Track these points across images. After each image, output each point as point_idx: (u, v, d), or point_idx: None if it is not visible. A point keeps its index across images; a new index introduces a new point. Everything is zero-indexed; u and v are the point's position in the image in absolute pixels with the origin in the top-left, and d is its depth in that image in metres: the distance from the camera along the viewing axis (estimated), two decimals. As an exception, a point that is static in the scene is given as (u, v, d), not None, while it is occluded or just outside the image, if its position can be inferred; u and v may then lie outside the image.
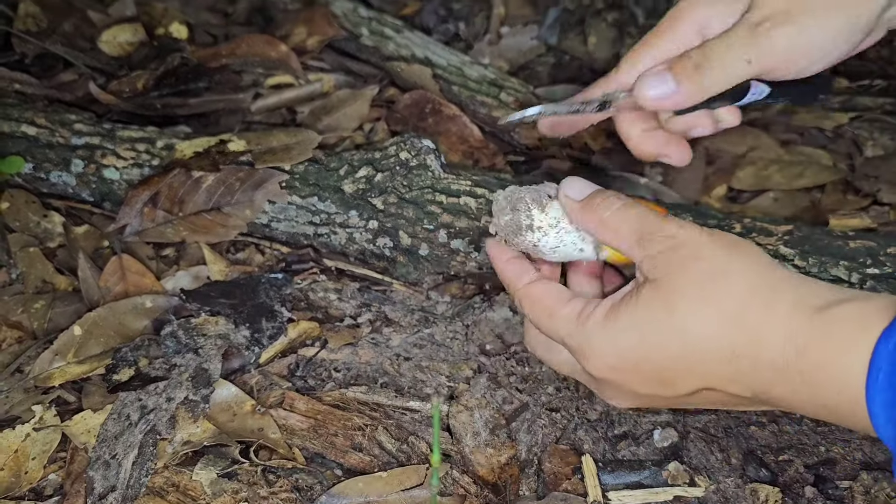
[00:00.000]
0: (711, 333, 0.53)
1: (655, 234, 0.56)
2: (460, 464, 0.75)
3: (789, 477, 0.73)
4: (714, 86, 0.62)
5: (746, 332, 0.52)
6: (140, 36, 1.31)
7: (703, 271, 0.54)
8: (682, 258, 0.54)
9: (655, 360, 0.56)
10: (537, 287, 0.62)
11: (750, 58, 0.61)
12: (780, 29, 0.60)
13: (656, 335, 0.55)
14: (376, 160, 0.92)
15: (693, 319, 0.54)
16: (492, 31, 1.36)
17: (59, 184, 1.01)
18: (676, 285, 0.54)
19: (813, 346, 0.49)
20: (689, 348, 0.54)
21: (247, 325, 0.84)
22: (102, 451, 0.74)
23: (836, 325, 0.49)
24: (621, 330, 0.56)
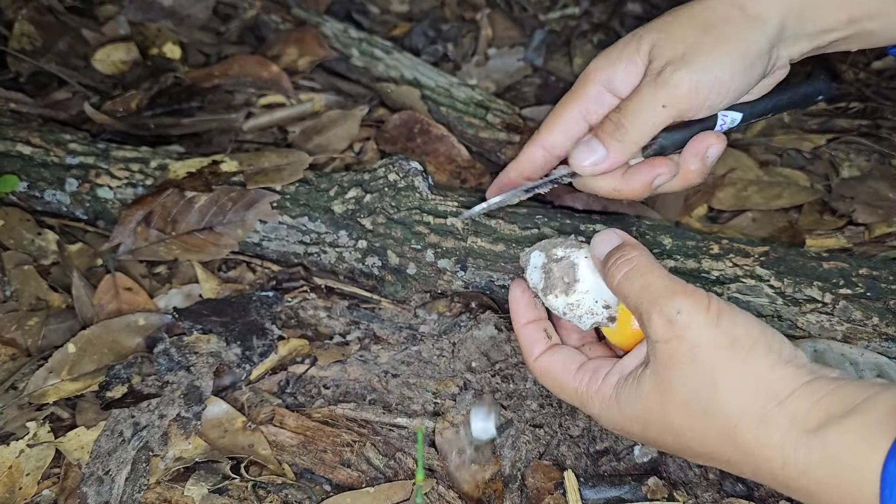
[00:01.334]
0: (707, 443, 0.55)
1: (654, 316, 0.56)
2: (445, 479, 0.77)
3: (765, 491, 0.76)
4: (638, 138, 0.68)
5: (741, 449, 0.53)
6: (133, 55, 1.33)
7: (699, 379, 0.54)
8: (680, 355, 0.55)
9: (660, 445, 0.60)
10: (545, 361, 0.66)
11: (663, 103, 0.66)
12: (681, 72, 0.65)
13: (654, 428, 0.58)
14: (365, 181, 0.94)
15: (687, 429, 0.56)
16: (479, 53, 1.39)
17: (53, 202, 1.03)
18: (673, 388, 0.56)
19: (814, 471, 0.49)
20: (685, 448, 0.58)
21: (238, 343, 0.86)
22: (96, 467, 0.76)
23: (837, 448, 0.48)
24: (626, 417, 0.60)
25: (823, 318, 0.83)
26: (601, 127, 0.69)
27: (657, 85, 0.66)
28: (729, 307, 0.56)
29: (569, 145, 0.73)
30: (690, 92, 0.65)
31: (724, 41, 0.65)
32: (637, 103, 0.67)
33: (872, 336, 0.81)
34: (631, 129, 0.67)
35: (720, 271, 0.85)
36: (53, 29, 1.36)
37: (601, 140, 0.69)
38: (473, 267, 0.90)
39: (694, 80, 0.65)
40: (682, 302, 0.56)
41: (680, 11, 0.68)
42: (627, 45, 0.69)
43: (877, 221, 1.02)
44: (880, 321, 0.81)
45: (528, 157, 0.76)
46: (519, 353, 0.87)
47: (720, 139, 0.71)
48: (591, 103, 0.71)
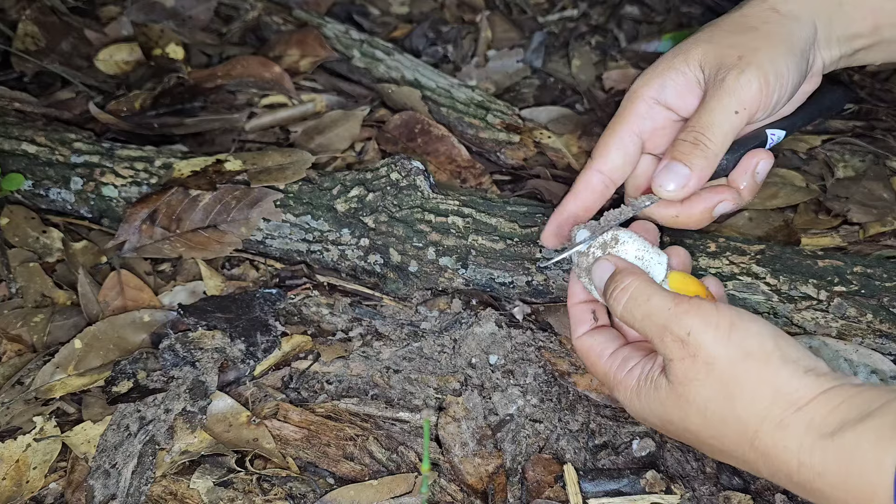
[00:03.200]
0: (725, 446, 0.57)
1: (666, 339, 0.58)
2: (449, 473, 0.78)
3: (761, 485, 0.77)
4: (720, 150, 0.67)
5: (759, 452, 0.54)
6: (136, 55, 1.34)
7: (715, 391, 0.56)
8: (695, 371, 0.56)
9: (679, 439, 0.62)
10: (584, 341, 0.69)
11: (735, 108, 0.65)
12: (746, 74, 0.65)
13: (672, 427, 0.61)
14: (368, 180, 0.96)
15: (706, 430, 0.58)
16: (479, 54, 1.40)
17: (58, 200, 1.04)
18: (690, 398, 0.57)
19: (829, 473, 0.50)
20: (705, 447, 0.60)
21: (242, 339, 0.87)
22: (102, 460, 0.77)
23: (852, 451, 0.49)
24: (646, 412, 0.62)
25: (818, 315, 0.84)
26: (677, 148, 0.67)
27: (725, 92, 0.65)
28: (739, 317, 0.57)
29: (626, 167, 0.71)
30: (761, 90, 0.66)
31: (771, 38, 0.66)
32: (709, 115, 0.66)
33: (867, 333, 0.83)
34: (710, 142, 0.66)
35: (717, 269, 0.87)
36: (57, 29, 1.37)
37: (682, 161, 0.67)
38: (474, 265, 0.91)
39: (761, 77, 0.65)
40: (691, 321, 0.57)
41: (718, 23, 0.69)
42: (674, 58, 0.68)
43: (871, 221, 1.04)
44: (874, 318, 0.83)
45: (586, 186, 0.72)
46: (519, 350, 0.88)
47: (768, 155, 0.72)
48: (643, 119, 0.70)
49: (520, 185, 1.12)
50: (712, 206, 0.70)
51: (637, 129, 0.70)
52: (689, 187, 0.67)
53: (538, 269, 0.90)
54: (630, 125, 0.70)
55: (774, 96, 0.67)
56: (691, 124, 0.67)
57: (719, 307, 0.58)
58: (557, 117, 1.24)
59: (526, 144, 1.16)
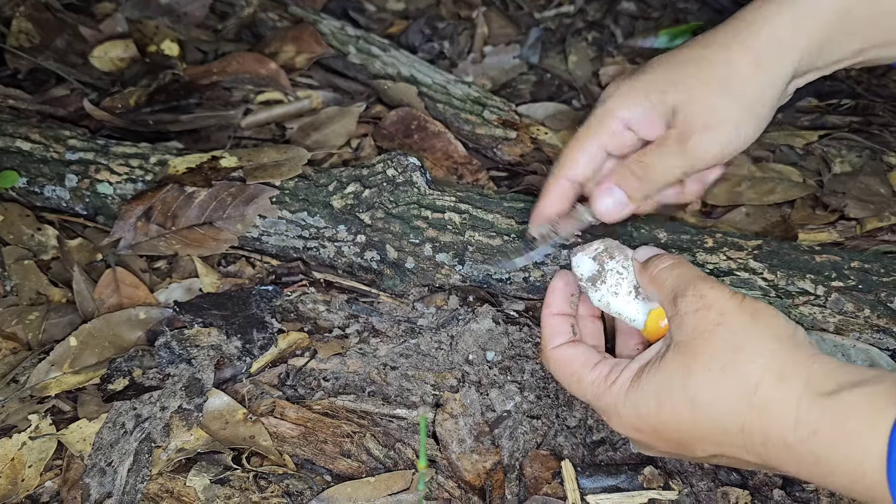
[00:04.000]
0: (722, 407, 0.56)
1: (688, 293, 0.61)
2: (446, 469, 0.78)
3: (759, 480, 0.77)
4: (657, 190, 0.72)
5: (757, 409, 0.55)
6: (131, 52, 1.34)
7: (724, 339, 0.57)
8: (707, 322, 0.58)
9: (671, 428, 0.60)
10: (566, 351, 0.68)
11: (685, 169, 0.70)
12: (708, 143, 0.68)
13: (670, 401, 0.59)
14: (364, 177, 0.95)
15: (705, 391, 0.57)
16: (475, 50, 1.40)
17: (53, 198, 1.03)
18: (696, 351, 0.58)
19: (825, 432, 0.51)
20: (700, 418, 0.58)
21: (238, 336, 0.87)
22: (98, 458, 0.76)
23: (848, 412, 0.50)
24: (642, 396, 0.61)
25: (816, 310, 0.84)
26: (623, 176, 0.72)
27: (683, 152, 0.69)
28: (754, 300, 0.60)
29: (592, 172, 0.75)
30: (714, 158, 0.70)
31: (745, 107, 0.68)
32: (661, 161, 0.70)
33: (864, 328, 0.83)
34: (654, 182, 0.71)
35: (714, 265, 0.87)
36: (51, 26, 1.36)
37: (623, 187, 0.72)
38: (471, 261, 0.91)
39: (718, 148, 0.69)
40: (712, 286, 0.61)
41: (703, 63, 0.70)
42: (650, 93, 0.70)
43: (868, 216, 1.04)
44: (871, 313, 0.82)
45: (557, 191, 0.76)
46: (516, 346, 0.88)
47: (719, 168, 0.74)
48: (612, 136, 0.73)
49: (516, 182, 1.12)
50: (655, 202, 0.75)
51: (604, 143, 0.74)
52: (622, 213, 0.73)
53: (535, 265, 0.90)
54: (598, 139, 0.73)
55: (728, 158, 0.71)
56: (644, 159, 0.71)
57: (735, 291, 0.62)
58: (554, 113, 1.24)
59: (522, 140, 1.16)
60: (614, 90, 0.73)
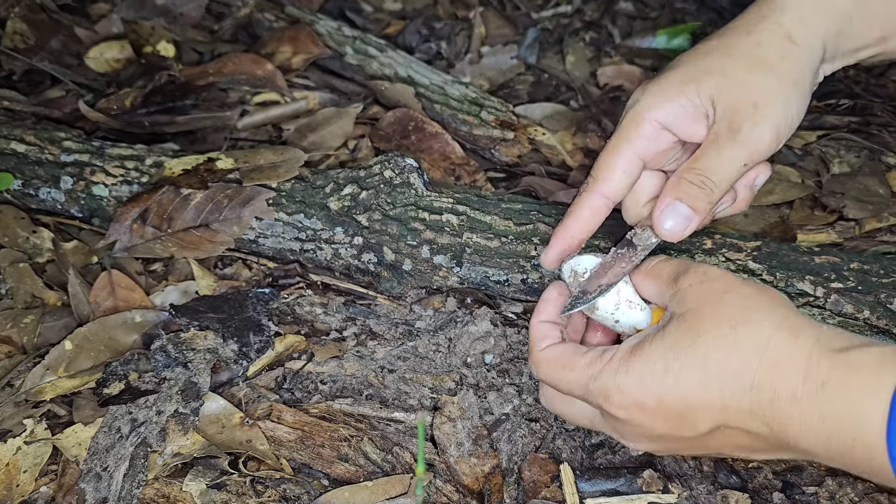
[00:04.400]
0: (733, 363, 0.55)
1: (689, 271, 0.61)
2: (445, 473, 0.77)
3: (758, 483, 0.77)
4: (721, 196, 0.67)
5: (768, 364, 0.54)
6: (127, 53, 1.33)
7: (733, 303, 0.57)
8: (713, 290, 0.59)
9: (676, 395, 0.57)
10: (554, 349, 0.65)
11: (745, 161, 0.65)
12: (760, 127, 0.64)
13: (678, 362, 0.56)
14: (361, 178, 0.95)
15: (716, 349, 0.56)
16: (473, 51, 1.39)
17: (48, 200, 1.03)
18: (704, 314, 0.57)
19: (832, 384, 0.51)
20: (710, 375, 0.56)
21: (235, 339, 0.86)
22: (94, 463, 0.76)
23: (857, 367, 0.51)
24: (647, 363, 0.58)
25: (815, 311, 0.84)
26: (682, 189, 0.66)
27: (739, 143, 0.65)
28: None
29: (628, 188, 0.69)
30: (772, 143, 0.66)
31: (786, 79, 0.66)
32: (718, 162, 0.65)
33: (864, 329, 0.83)
34: (716, 188, 0.66)
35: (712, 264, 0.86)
36: (46, 27, 1.35)
37: (686, 202, 0.66)
38: (469, 263, 0.90)
39: (775, 130, 0.65)
40: (713, 267, 0.62)
41: (732, 48, 0.67)
42: (685, 85, 0.66)
43: (867, 216, 1.04)
44: (871, 314, 0.82)
45: (589, 208, 0.69)
46: (514, 349, 0.87)
47: (767, 167, 0.71)
48: (648, 142, 0.68)
49: (514, 183, 1.11)
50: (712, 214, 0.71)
51: (641, 151, 0.68)
52: (689, 229, 0.67)
53: (533, 267, 0.89)
54: (634, 147, 0.68)
55: (784, 141, 0.68)
56: (698, 166, 0.66)
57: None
58: (552, 114, 1.24)
59: (520, 141, 1.15)
60: (641, 93, 0.69)
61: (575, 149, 1.17)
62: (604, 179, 0.69)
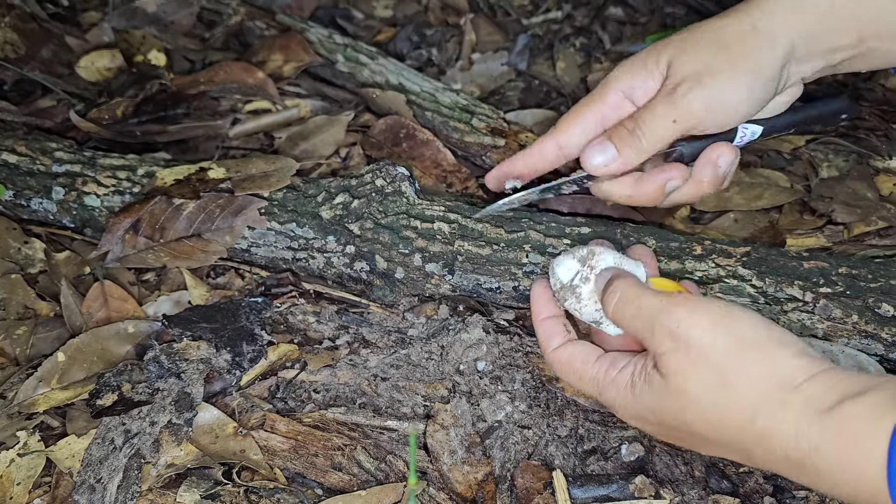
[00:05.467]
0: (723, 436, 0.57)
1: (656, 333, 0.58)
2: (438, 481, 0.77)
3: (749, 488, 0.77)
4: (650, 147, 0.71)
5: (757, 435, 0.54)
6: (118, 62, 1.33)
7: (711, 380, 0.56)
8: (689, 361, 0.57)
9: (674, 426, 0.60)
10: (565, 351, 0.68)
11: (674, 118, 0.69)
12: (694, 91, 0.68)
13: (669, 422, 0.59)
14: (353, 187, 0.95)
15: (703, 424, 0.57)
16: (463, 58, 1.40)
17: (39, 211, 1.03)
18: (685, 390, 0.57)
19: (826, 447, 0.51)
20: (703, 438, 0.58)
21: (228, 349, 0.87)
22: (87, 475, 0.76)
23: (848, 423, 0.50)
24: (639, 404, 0.61)
25: (804, 316, 0.84)
26: (615, 131, 0.71)
27: (671, 101, 0.69)
28: (729, 308, 0.58)
29: (583, 145, 0.74)
30: (701, 111, 0.68)
31: (737, 62, 0.68)
32: (650, 114, 0.70)
33: (852, 334, 0.83)
34: (643, 137, 0.70)
35: (703, 272, 0.87)
36: (37, 36, 1.35)
37: (614, 143, 0.71)
38: (461, 270, 0.91)
39: (706, 99, 0.68)
40: (680, 313, 0.58)
41: (698, 28, 0.71)
42: (647, 58, 0.71)
43: (855, 220, 1.04)
44: (860, 319, 0.83)
45: (540, 150, 0.76)
46: (506, 356, 0.88)
47: (731, 149, 0.73)
48: (610, 109, 0.73)
49: (506, 189, 1.12)
50: (662, 183, 0.73)
51: (602, 114, 0.73)
52: (611, 168, 0.71)
53: (525, 274, 0.90)
54: (596, 109, 0.73)
55: (717, 119, 0.70)
56: (636, 115, 0.71)
57: (708, 299, 0.59)
58: (542, 120, 1.24)
59: (511, 148, 1.16)
60: (616, 67, 0.74)
61: (566, 155, 1.18)
62: (562, 131, 0.75)
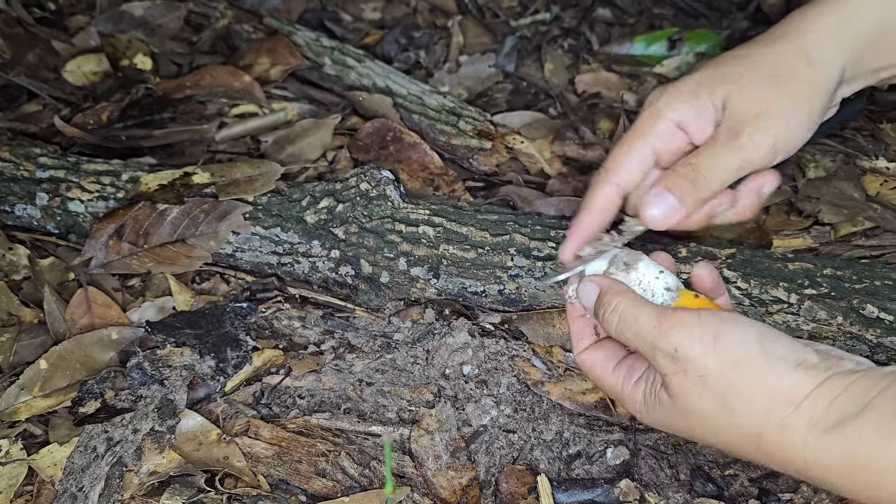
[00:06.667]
0: (738, 452, 0.58)
1: (657, 356, 0.59)
2: (422, 486, 0.77)
3: (735, 491, 0.77)
4: (710, 194, 0.68)
5: (767, 455, 0.55)
6: (104, 66, 1.32)
7: (714, 404, 0.56)
8: (689, 386, 0.57)
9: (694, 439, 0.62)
10: (588, 357, 0.68)
11: (739, 165, 0.66)
12: (760, 135, 0.65)
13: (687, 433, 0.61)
14: (337, 191, 0.95)
15: (716, 441, 0.59)
16: (451, 60, 1.39)
17: (23, 216, 1.02)
18: (693, 410, 0.58)
19: (836, 466, 0.51)
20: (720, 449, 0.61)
21: (212, 355, 0.86)
22: (69, 483, 0.75)
23: (855, 445, 0.50)
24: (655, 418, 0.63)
25: (790, 318, 0.84)
26: (672, 180, 0.68)
27: (735, 147, 0.66)
28: (722, 323, 0.57)
29: (639, 181, 0.71)
30: (768, 155, 0.66)
31: (798, 100, 0.66)
32: (712, 160, 0.67)
33: (837, 335, 0.83)
34: (706, 186, 0.67)
35: (688, 274, 0.86)
36: (23, 41, 1.35)
37: (673, 192, 0.67)
38: (446, 274, 0.91)
39: (772, 142, 0.66)
40: (676, 336, 0.58)
41: (750, 56, 0.69)
42: (700, 90, 0.68)
43: (842, 221, 1.04)
44: (844, 320, 0.83)
45: (603, 202, 0.71)
46: (492, 359, 0.88)
47: (774, 176, 0.71)
48: (661, 140, 0.70)
49: (493, 192, 1.12)
50: (709, 210, 0.71)
51: (654, 146, 0.70)
52: (673, 219, 0.68)
53: (510, 277, 0.89)
54: (648, 141, 0.70)
55: (780, 156, 0.68)
56: (693, 160, 0.68)
57: (702, 316, 0.58)
58: (530, 122, 1.24)
59: (498, 150, 1.16)
60: (661, 93, 0.70)
61: (553, 157, 1.18)
62: (617, 170, 0.70)
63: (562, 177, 1.14)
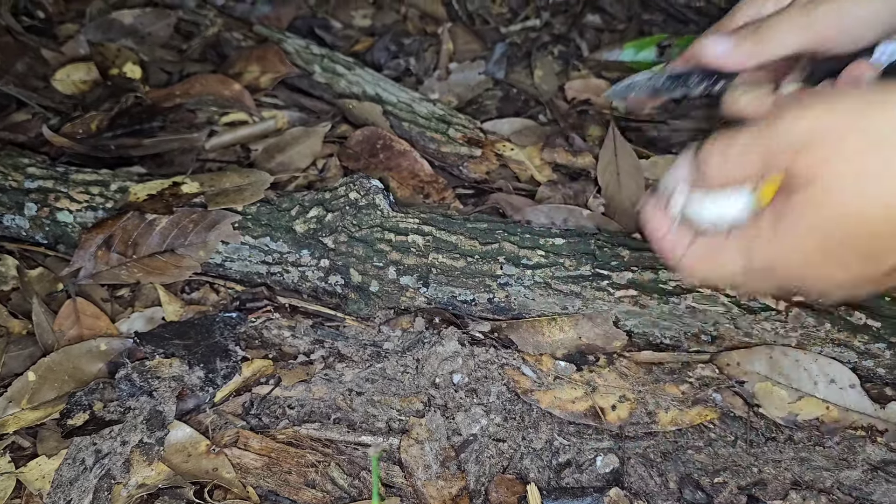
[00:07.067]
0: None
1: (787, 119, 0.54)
2: (412, 497, 0.77)
3: (724, 498, 0.77)
4: (769, 48, 0.68)
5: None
6: (94, 75, 1.32)
7: (860, 154, 0.50)
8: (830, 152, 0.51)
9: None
10: (698, 244, 0.61)
11: (803, 26, 0.67)
12: (826, 6, 0.66)
13: (822, 239, 0.53)
14: (326, 200, 0.95)
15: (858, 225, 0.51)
16: (441, 67, 1.40)
17: (12, 227, 1.02)
18: (831, 188, 0.51)
19: None
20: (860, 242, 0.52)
21: (201, 366, 0.86)
22: (57, 496, 0.75)
23: None
24: (781, 243, 0.54)
25: (778, 325, 0.84)
26: (739, 29, 0.70)
27: (803, 12, 0.67)
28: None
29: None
30: (831, 27, 0.67)
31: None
32: (777, 21, 0.68)
33: (825, 342, 0.83)
34: (763, 38, 0.68)
35: (677, 282, 0.87)
36: (12, 49, 1.35)
37: (734, 37, 0.69)
38: (435, 283, 0.91)
39: (838, 16, 0.66)
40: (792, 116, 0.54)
41: None
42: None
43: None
44: (832, 327, 0.83)
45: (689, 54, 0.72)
46: (482, 368, 0.88)
47: (873, 69, 0.70)
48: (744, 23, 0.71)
49: (483, 199, 1.12)
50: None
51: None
52: (727, 61, 0.68)
53: (499, 286, 0.89)
54: (728, 27, 0.71)
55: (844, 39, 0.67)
56: (764, 18, 0.69)
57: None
58: (520, 129, 1.24)
59: (488, 158, 1.16)
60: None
61: (543, 164, 1.18)
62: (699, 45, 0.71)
63: (552, 184, 1.14)
